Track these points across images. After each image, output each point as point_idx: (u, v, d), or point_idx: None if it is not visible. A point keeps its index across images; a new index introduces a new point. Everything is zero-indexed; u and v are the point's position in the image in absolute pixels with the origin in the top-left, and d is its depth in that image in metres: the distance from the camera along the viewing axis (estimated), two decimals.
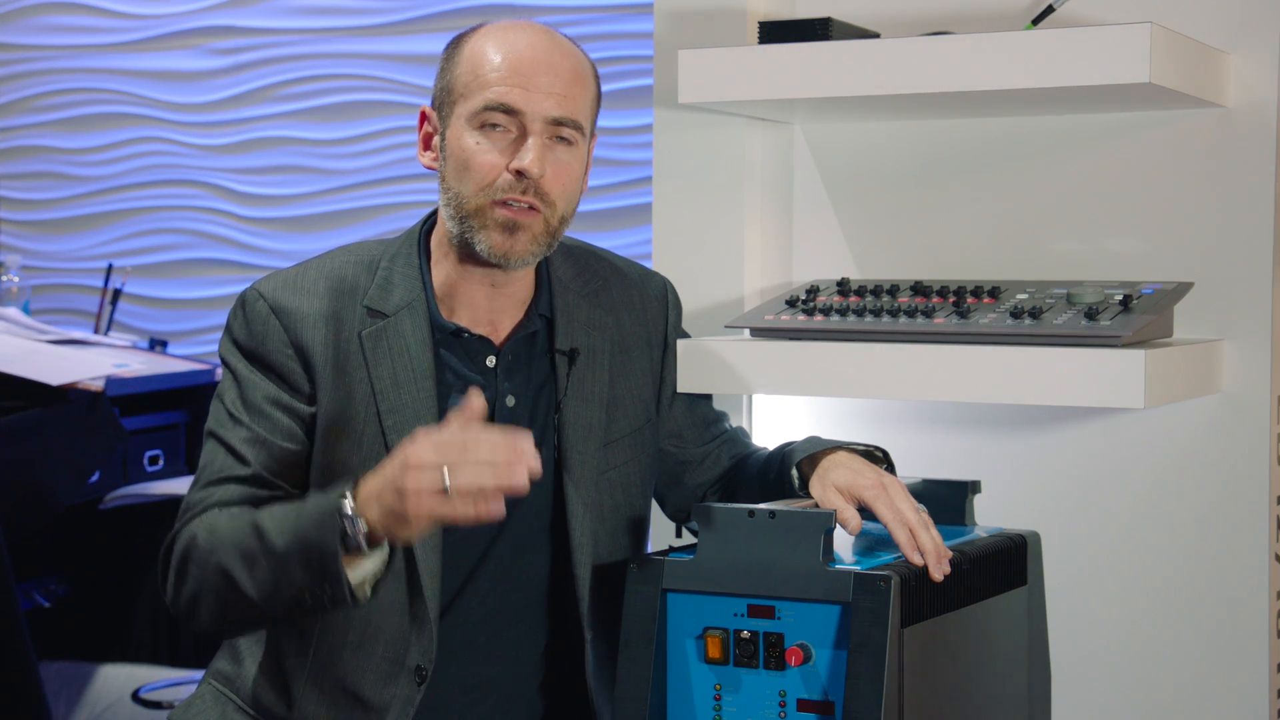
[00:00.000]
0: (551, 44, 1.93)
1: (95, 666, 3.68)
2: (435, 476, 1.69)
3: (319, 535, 1.76)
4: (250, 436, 1.91)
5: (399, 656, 1.92)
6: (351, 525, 1.75)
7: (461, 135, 1.91)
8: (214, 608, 1.85)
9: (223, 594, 1.83)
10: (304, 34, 4.57)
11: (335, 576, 1.75)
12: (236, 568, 1.82)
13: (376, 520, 1.75)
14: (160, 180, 4.76)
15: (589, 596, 1.97)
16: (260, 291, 1.95)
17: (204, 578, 1.85)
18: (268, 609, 1.82)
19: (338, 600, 1.77)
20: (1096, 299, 2.03)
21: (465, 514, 1.69)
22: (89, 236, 4.85)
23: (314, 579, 1.77)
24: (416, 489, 1.69)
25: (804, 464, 1.96)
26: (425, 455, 1.70)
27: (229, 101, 4.66)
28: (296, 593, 1.78)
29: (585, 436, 1.99)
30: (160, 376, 3.75)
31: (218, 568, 1.83)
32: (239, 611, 1.84)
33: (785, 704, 1.77)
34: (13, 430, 3.35)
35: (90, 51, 4.81)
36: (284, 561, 1.78)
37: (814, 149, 2.39)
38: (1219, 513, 2.16)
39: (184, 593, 1.88)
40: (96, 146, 4.82)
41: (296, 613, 1.82)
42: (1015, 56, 1.98)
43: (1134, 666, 2.21)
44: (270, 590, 1.80)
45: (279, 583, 1.79)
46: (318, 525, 1.77)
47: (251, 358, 1.94)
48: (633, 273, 2.14)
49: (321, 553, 1.76)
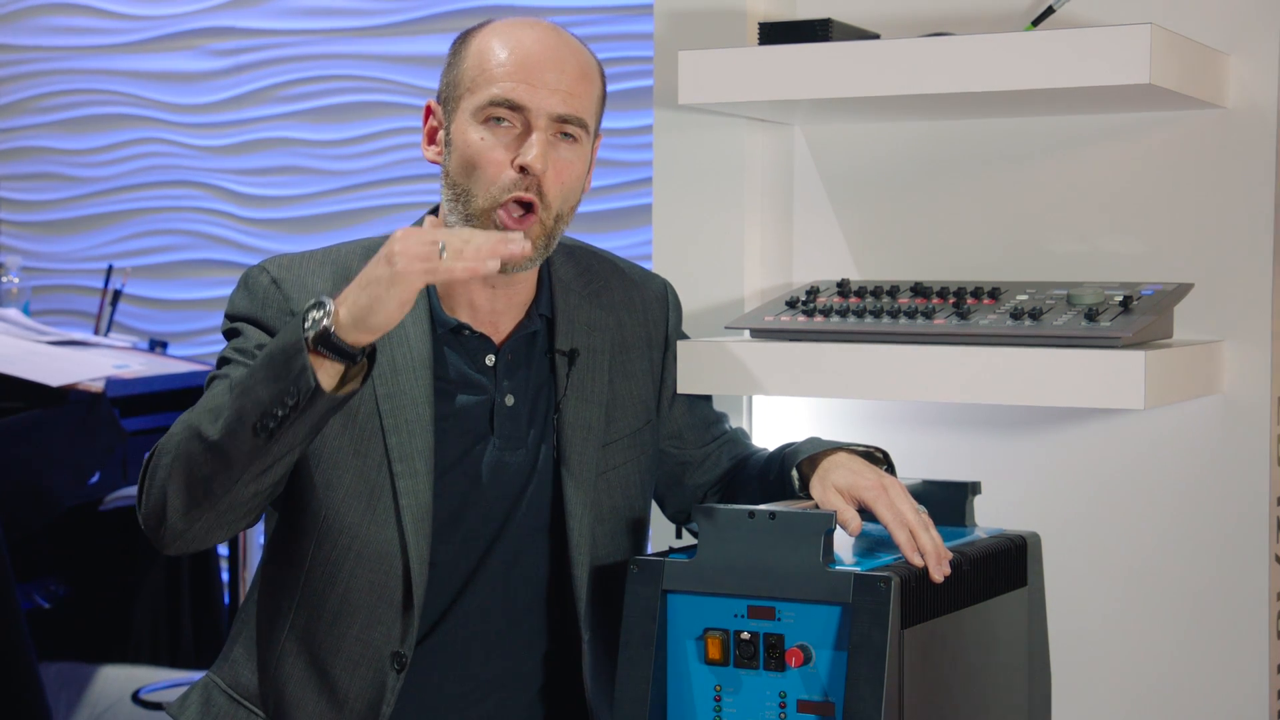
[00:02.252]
0: (559, 41, 1.94)
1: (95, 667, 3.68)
2: (431, 246, 1.68)
3: (283, 336, 1.73)
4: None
5: (373, 641, 1.91)
6: (320, 309, 1.71)
7: (467, 130, 1.91)
8: (180, 480, 1.80)
9: (189, 458, 1.79)
10: (304, 35, 4.57)
11: (300, 369, 1.70)
12: (204, 421, 1.78)
13: (356, 300, 1.71)
14: (160, 181, 4.76)
15: (587, 598, 1.97)
16: (264, 267, 1.96)
17: (173, 459, 1.80)
18: (232, 449, 1.75)
19: (302, 398, 1.71)
20: (1096, 300, 2.03)
21: (458, 269, 1.68)
22: (89, 237, 4.85)
23: (277, 383, 1.71)
24: (406, 250, 1.68)
25: (804, 465, 1.96)
26: (411, 230, 1.70)
27: (229, 102, 4.67)
28: (261, 411, 1.72)
29: (585, 437, 1.99)
30: (160, 378, 3.76)
31: (186, 432, 1.80)
32: (204, 470, 1.78)
33: (785, 705, 1.77)
34: (13, 431, 3.35)
35: (91, 53, 4.82)
36: (250, 384, 1.74)
37: (814, 150, 2.39)
38: (1219, 514, 2.16)
39: (154, 487, 1.83)
40: (97, 148, 4.82)
41: (262, 440, 1.74)
42: (1015, 57, 1.98)
43: (1134, 667, 2.21)
44: (234, 421, 1.74)
45: (243, 408, 1.74)
46: (284, 331, 1.74)
47: (252, 321, 1.94)
48: (633, 274, 2.14)
49: (285, 349, 1.71)
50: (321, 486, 1.91)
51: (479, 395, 1.96)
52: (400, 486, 1.90)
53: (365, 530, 1.91)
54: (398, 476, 1.90)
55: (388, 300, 1.70)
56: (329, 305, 1.72)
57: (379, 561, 1.91)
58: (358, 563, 1.91)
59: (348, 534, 1.91)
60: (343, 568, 1.92)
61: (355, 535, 1.91)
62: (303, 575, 1.94)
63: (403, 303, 1.70)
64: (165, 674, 3.67)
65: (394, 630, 1.91)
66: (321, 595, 1.93)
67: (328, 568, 1.92)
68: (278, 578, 1.97)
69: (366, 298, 1.70)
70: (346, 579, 1.92)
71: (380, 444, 1.91)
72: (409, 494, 1.89)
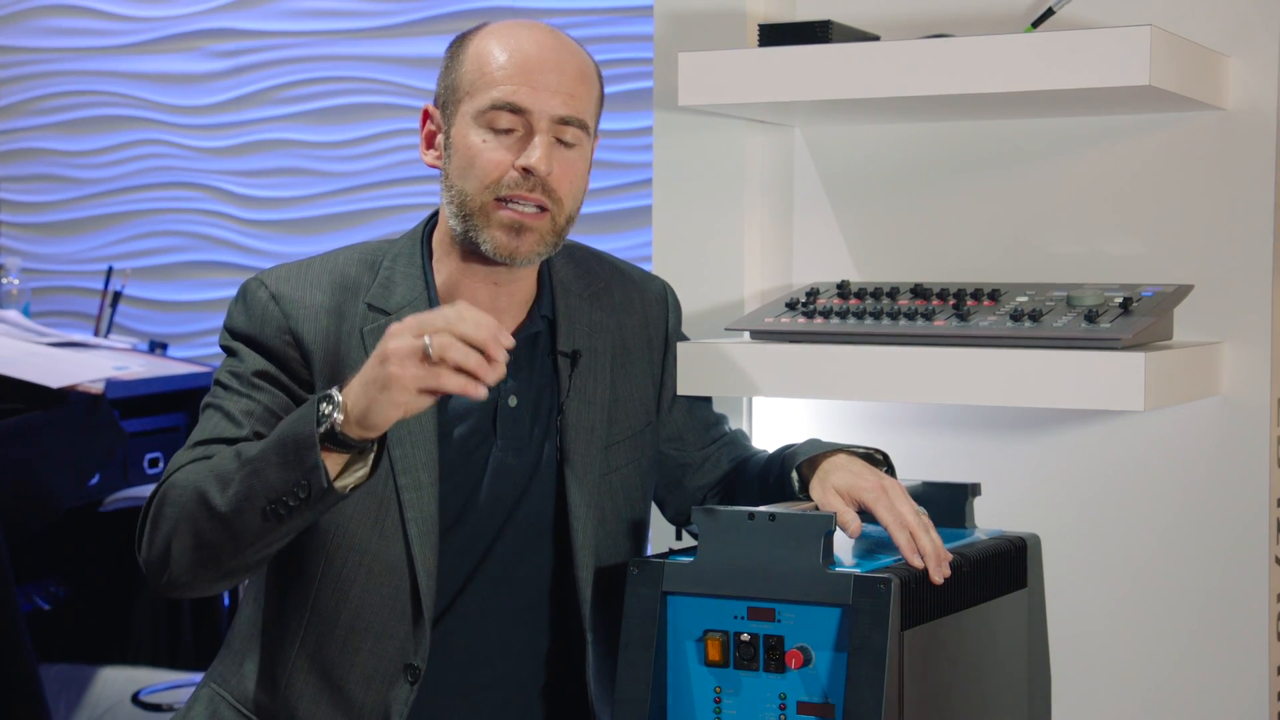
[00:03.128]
0: (557, 43, 1.94)
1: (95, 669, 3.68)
2: (417, 343, 1.67)
3: (295, 426, 1.73)
4: (247, 408, 1.90)
5: (387, 654, 1.91)
6: (330, 404, 1.71)
7: (467, 133, 1.91)
8: (186, 541, 1.80)
9: (195, 520, 1.78)
10: (304, 36, 4.57)
11: (312, 466, 1.70)
12: (211, 489, 1.78)
13: (358, 399, 1.70)
14: (160, 183, 4.76)
15: (590, 599, 1.97)
16: (262, 280, 1.95)
17: (179, 514, 1.80)
18: (240, 525, 1.76)
19: (314, 494, 1.72)
20: (1096, 301, 2.03)
21: (451, 384, 1.67)
22: (89, 239, 4.85)
23: (289, 472, 1.72)
24: (398, 350, 1.67)
25: (804, 467, 1.96)
26: (406, 323, 1.69)
27: (229, 104, 4.67)
28: (271, 498, 1.73)
29: (587, 438, 1.99)
30: (160, 379, 3.76)
31: (193, 493, 1.79)
32: (210, 537, 1.78)
33: (785, 706, 1.77)
34: (13, 432, 3.35)
35: (91, 54, 4.82)
36: (260, 465, 1.74)
37: (814, 151, 2.39)
38: (1219, 515, 2.16)
39: (158, 538, 1.82)
40: (97, 149, 4.83)
41: (271, 524, 1.75)
42: (1015, 59, 1.98)
43: (1134, 669, 2.21)
44: (243, 499, 1.75)
45: (253, 489, 1.74)
46: (295, 419, 1.74)
47: (249, 341, 1.93)
48: (633, 275, 2.14)
49: (298, 441, 1.72)
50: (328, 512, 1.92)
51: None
52: (405, 499, 1.90)
53: (374, 545, 1.90)
54: (402, 489, 1.90)
55: (384, 403, 1.68)
56: (338, 399, 1.72)
57: (389, 575, 1.90)
58: (369, 578, 1.91)
59: (357, 550, 1.91)
60: (354, 584, 1.91)
61: (365, 551, 1.91)
62: (313, 592, 1.92)
63: (399, 405, 1.68)
64: (165, 675, 3.67)
65: (407, 643, 1.91)
66: (333, 612, 1.92)
67: (338, 584, 1.91)
68: (285, 593, 1.96)
69: (365, 399, 1.70)
70: (359, 595, 1.91)
71: (385, 458, 1.91)
72: (414, 506, 1.89)
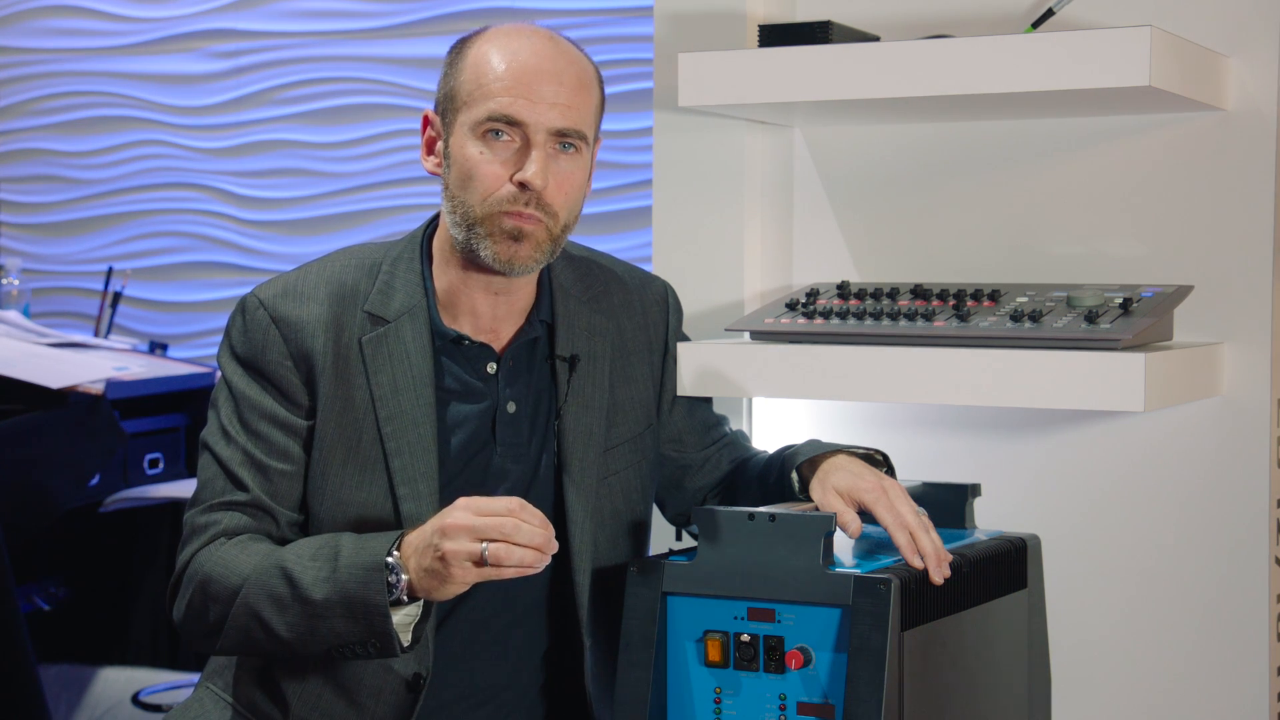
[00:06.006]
0: (556, 51, 1.92)
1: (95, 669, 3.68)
2: (475, 548, 1.73)
3: (364, 592, 1.79)
4: (245, 459, 1.92)
5: (393, 664, 1.91)
6: (396, 578, 1.79)
7: (465, 144, 1.90)
8: (237, 641, 1.88)
9: (251, 633, 1.85)
10: (304, 37, 4.57)
11: (385, 634, 1.79)
12: (268, 611, 1.83)
13: (415, 577, 1.79)
14: (160, 183, 4.76)
15: (588, 602, 1.97)
16: (260, 299, 1.95)
17: (229, 617, 1.86)
18: (300, 650, 1.85)
19: (385, 653, 1.81)
20: (1096, 302, 2.03)
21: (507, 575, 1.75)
22: (89, 240, 4.85)
23: (359, 631, 1.80)
24: (455, 554, 1.74)
25: (804, 467, 1.96)
26: (461, 521, 1.75)
27: (229, 105, 4.67)
28: (337, 641, 1.82)
29: (586, 442, 1.99)
30: (160, 379, 3.76)
31: (246, 609, 1.84)
32: (266, 648, 1.87)
33: (785, 707, 1.77)
34: (13, 433, 3.35)
35: (91, 55, 4.82)
36: (324, 611, 1.81)
37: (814, 152, 2.39)
38: (1219, 516, 2.16)
39: (201, 623, 1.89)
40: (97, 150, 4.83)
41: (333, 656, 1.85)
42: (1015, 60, 1.98)
43: (1134, 669, 2.21)
44: (306, 635, 1.83)
45: (316, 630, 1.82)
46: (362, 583, 1.79)
47: (249, 368, 1.94)
48: (633, 278, 2.14)
49: (368, 609, 1.79)
50: (329, 525, 1.92)
51: (481, 403, 1.96)
52: (404, 510, 1.90)
53: None
54: (401, 500, 1.90)
55: (442, 592, 1.78)
56: (402, 576, 1.79)
57: None
58: None
59: None
60: None
61: None
62: None
63: (455, 592, 1.78)
64: (165, 676, 3.67)
65: (411, 651, 1.91)
66: None
67: None
68: None
69: (425, 586, 1.79)
70: None
71: (383, 470, 1.91)
72: (413, 519, 1.89)
